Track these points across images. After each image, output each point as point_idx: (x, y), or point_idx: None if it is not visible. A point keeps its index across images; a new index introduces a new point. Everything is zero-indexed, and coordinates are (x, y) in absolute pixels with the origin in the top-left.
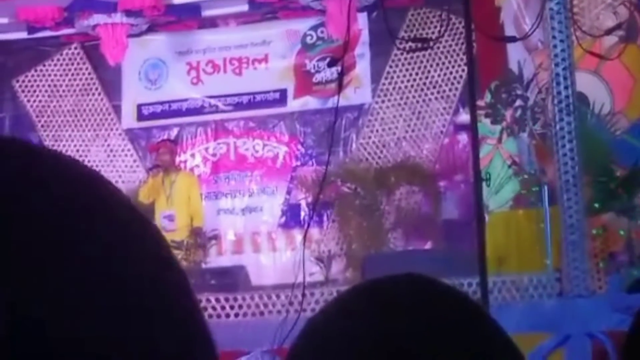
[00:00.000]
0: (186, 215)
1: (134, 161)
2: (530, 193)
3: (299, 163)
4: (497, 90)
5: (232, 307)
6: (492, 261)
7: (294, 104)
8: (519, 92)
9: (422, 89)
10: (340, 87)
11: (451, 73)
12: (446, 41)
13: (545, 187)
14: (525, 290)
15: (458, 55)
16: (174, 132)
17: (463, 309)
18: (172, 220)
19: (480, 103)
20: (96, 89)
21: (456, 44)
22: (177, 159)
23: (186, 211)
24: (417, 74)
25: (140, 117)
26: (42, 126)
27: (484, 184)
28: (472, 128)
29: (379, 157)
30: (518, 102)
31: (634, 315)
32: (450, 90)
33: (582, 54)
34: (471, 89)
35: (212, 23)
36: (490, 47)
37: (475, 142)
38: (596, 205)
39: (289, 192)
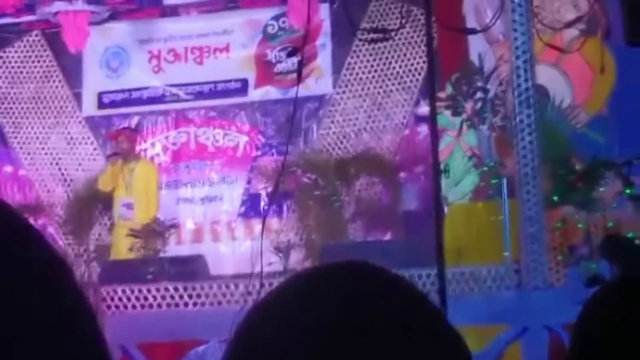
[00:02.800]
0: (145, 203)
1: (94, 149)
2: (489, 185)
3: (259, 153)
4: (457, 82)
5: (190, 297)
6: (450, 253)
7: (254, 94)
8: (479, 84)
9: (383, 80)
10: (300, 78)
11: (412, 64)
12: (407, 33)
13: (505, 180)
14: (484, 282)
15: (419, 46)
16: (134, 121)
17: (408, 299)
18: (131, 208)
19: (441, 95)
20: (57, 76)
21: (417, 36)
22: (137, 148)
23: (145, 200)
24: (378, 65)
25: (101, 105)
26: (2, 113)
27: (443, 175)
28: (431, 120)
29: (339, 148)
30: (478, 95)
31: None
32: (411, 81)
33: (542, 47)
34: (431, 81)
35: (173, 11)
36: (451, 39)
37: (435, 134)
38: (555, 198)
39: (249, 182)
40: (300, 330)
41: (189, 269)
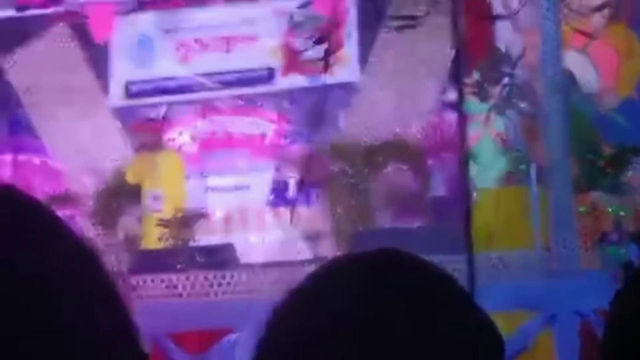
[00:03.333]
0: (172, 194)
1: (122, 139)
2: (518, 171)
3: (287, 141)
4: (485, 69)
5: (220, 285)
6: (480, 239)
7: (282, 82)
8: (507, 70)
9: (410, 67)
10: (327, 66)
11: (439, 51)
12: (434, 19)
13: (534, 166)
14: (514, 268)
15: (446, 33)
16: (162, 110)
17: (438, 284)
18: (159, 199)
19: (467, 81)
20: (84, 67)
21: (444, 22)
22: (165, 137)
23: (172, 190)
24: (405, 52)
25: (129, 95)
26: (30, 104)
27: (471, 161)
28: (459, 106)
29: (367, 135)
30: (506, 81)
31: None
32: (438, 68)
33: (570, 33)
34: (458, 68)
35: (200, 1)
36: (478, 25)
37: (463, 121)
38: (584, 183)
39: (277, 170)
40: (331, 319)
41: (219, 257)
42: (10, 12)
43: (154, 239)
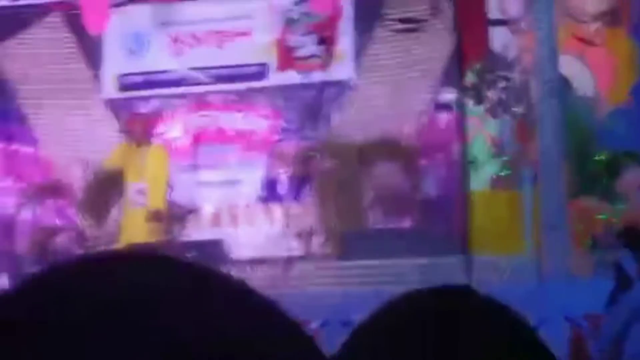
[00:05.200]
0: (158, 188)
1: (114, 131)
2: (511, 174)
3: (279, 137)
4: (480, 71)
5: None
6: (471, 241)
7: (275, 78)
8: (502, 73)
9: (404, 67)
10: (326, 63)
11: (434, 52)
12: (432, 21)
13: (527, 169)
14: (504, 272)
15: (442, 34)
16: (154, 103)
17: (514, 334)
18: (144, 193)
19: (463, 83)
20: (77, 58)
21: (440, 23)
22: (156, 131)
23: (158, 185)
24: (400, 51)
25: (121, 87)
26: (22, 94)
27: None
28: (458, 107)
29: (360, 134)
30: (501, 84)
31: None
32: (433, 68)
33: (566, 37)
34: (455, 69)
35: None
36: (474, 27)
37: (460, 122)
38: (577, 188)
39: (268, 166)
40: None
41: (209, 253)
42: (4, 1)
43: (138, 232)
